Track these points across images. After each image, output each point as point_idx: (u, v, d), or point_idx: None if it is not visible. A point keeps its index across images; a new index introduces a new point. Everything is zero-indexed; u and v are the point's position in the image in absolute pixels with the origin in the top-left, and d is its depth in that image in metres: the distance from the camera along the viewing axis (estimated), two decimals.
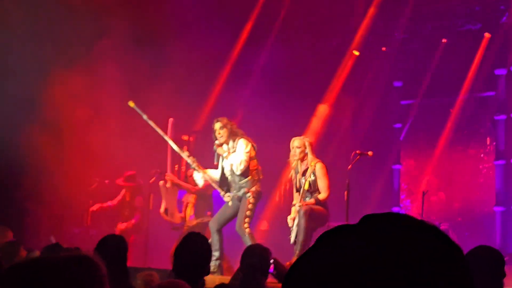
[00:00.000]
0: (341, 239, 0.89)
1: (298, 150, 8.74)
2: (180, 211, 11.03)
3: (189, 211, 11.05)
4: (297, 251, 8.32)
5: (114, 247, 5.00)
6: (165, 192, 10.63)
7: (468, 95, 14.02)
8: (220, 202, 9.32)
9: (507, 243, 12.40)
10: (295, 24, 13.90)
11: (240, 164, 8.71)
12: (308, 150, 8.77)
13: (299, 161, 8.78)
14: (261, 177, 8.97)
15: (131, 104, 9.60)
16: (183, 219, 10.88)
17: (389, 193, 14.78)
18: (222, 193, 9.07)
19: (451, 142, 14.21)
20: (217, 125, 8.87)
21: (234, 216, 8.93)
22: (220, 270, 8.70)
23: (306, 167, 8.71)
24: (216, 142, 8.95)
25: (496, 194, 13.57)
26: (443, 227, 12.13)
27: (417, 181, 14.45)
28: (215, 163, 9.18)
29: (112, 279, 4.73)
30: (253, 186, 8.80)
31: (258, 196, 8.86)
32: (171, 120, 9.89)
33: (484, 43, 13.69)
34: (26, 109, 11.63)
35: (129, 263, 4.98)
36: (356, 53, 14.59)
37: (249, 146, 8.79)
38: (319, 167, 8.68)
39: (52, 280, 1.76)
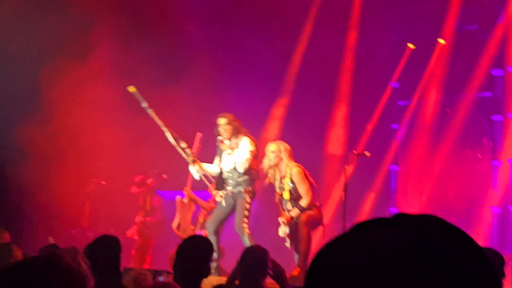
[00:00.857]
0: (374, 234, 0.90)
1: (272, 155, 8.52)
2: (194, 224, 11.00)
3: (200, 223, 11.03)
4: (300, 261, 8.23)
5: (106, 247, 5.02)
6: (181, 207, 10.55)
7: (465, 96, 14.03)
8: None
9: (505, 244, 12.39)
10: (290, 25, 13.91)
11: (246, 162, 8.60)
12: (283, 155, 8.53)
13: (276, 168, 8.61)
14: (258, 179, 8.91)
15: (132, 89, 9.45)
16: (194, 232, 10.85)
17: (386, 194, 14.78)
18: (213, 192, 9.03)
19: (448, 142, 14.21)
20: (222, 121, 8.78)
21: (229, 215, 8.87)
22: (218, 271, 8.68)
23: (283, 175, 8.55)
24: (219, 137, 8.87)
25: (493, 194, 13.58)
26: None
27: (414, 181, 14.44)
28: (217, 158, 9.07)
29: (103, 279, 4.74)
30: (249, 186, 8.73)
31: (253, 196, 8.80)
32: (199, 134, 9.65)
33: (480, 44, 13.70)
34: (21, 109, 11.62)
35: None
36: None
37: (253, 145, 8.73)
38: (295, 173, 8.43)
39: (17, 282, 1.82)
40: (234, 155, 8.73)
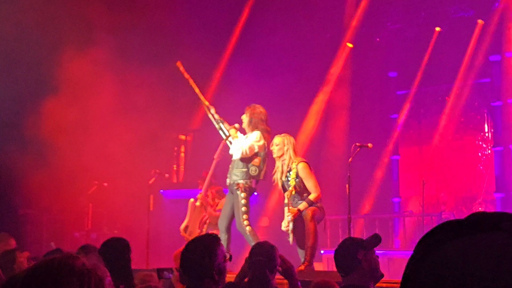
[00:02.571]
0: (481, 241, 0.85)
1: (276, 148, 8.38)
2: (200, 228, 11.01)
3: (206, 229, 11.03)
4: (307, 256, 8.19)
5: (117, 249, 5.00)
6: (192, 210, 10.51)
7: (463, 83, 14.02)
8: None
9: None
10: (287, 18, 13.89)
11: (240, 149, 8.50)
12: (287, 148, 8.41)
13: (280, 160, 8.55)
14: (260, 178, 8.74)
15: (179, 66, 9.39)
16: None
17: (388, 184, 14.76)
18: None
19: (449, 130, 14.21)
20: (246, 111, 8.72)
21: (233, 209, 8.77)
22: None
23: (289, 168, 8.51)
24: (236, 125, 8.79)
25: (495, 180, 13.58)
26: (445, 215, 12.14)
27: (415, 170, 14.42)
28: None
29: (115, 280, 4.71)
30: (244, 180, 8.60)
31: (249, 191, 8.63)
32: (223, 141, 9.58)
33: (477, 30, 13.68)
34: (24, 112, 11.59)
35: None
36: (350, 45, 14.58)
37: (262, 141, 8.59)
38: (301, 167, 8.29)
39: None
40: (236, 142, 8.61)
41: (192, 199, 10.41)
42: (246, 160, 8.58)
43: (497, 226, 0.85)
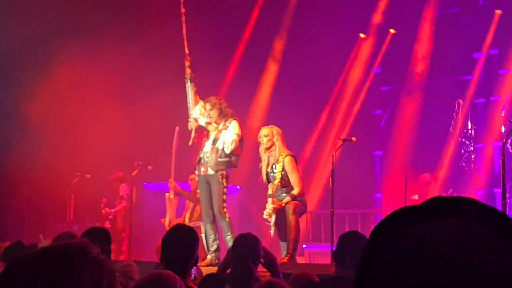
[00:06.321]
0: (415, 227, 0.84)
1: (265, 139, 8.47)
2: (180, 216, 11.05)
3: (187, 216, 11.04)
4: (289, 249, 8.22)
5: (97, 239, 4.97)
6: (170, 204, 10.51)
7: (447, 79, 14.05)
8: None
9: None
10: (267, 14, 13.89)
11: (232, 143, 8.52)
12: (276, 139, 8.50)
13: (267, 152, 8.59)
14: (236, 165, 8.78)
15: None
16: None
17: (371, 179, 14.80)
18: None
19: (432, 126, 14.24)
20: (207, 106, 8.72)
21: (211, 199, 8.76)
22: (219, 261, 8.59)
23: (275, 160, 8.52)
24: (206, 120, 8.81)
25: (477, 177, 13.64)
26: None
27: (398, 166, 14.44)
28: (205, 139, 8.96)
29: None
30: (227, 169, 8.64)
31: (228, 180, 8.71)
32: (177, 128, 9.70)
33: (461, 27, 13.72)
34: (4, 104, 11.52)
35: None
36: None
37: (240, 130, 8.65)
38: (287, 161, 8.38)
39: (46, 269, 1.73)
40: (223, 135, 8.63)
41: (167, 194, 10.39)
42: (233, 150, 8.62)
43: (453, 212, 0.84)
